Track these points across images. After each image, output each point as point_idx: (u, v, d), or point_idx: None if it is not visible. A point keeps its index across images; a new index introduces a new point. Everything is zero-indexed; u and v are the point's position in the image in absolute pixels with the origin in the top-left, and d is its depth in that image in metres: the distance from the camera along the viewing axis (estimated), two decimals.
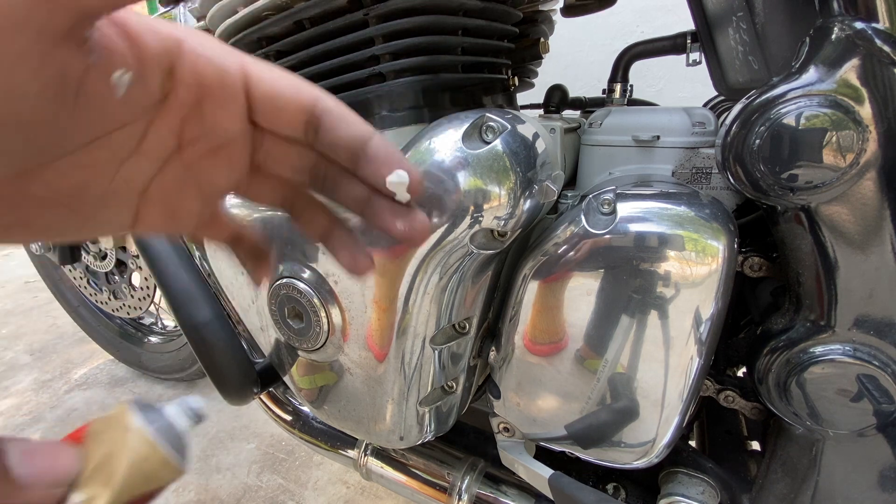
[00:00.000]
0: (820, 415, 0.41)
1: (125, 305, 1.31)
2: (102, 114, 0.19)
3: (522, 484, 0.58)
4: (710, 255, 0.38)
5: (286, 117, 0.22)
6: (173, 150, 0.22)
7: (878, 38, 0.32)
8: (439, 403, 0.52)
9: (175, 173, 0.23)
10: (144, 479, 0.17)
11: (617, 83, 0.69)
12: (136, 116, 0.20)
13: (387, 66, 0.45)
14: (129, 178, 0.21)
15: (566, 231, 0.41)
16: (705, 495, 0.50)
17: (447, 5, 0.45)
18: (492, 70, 0.55)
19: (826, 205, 0.36)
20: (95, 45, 0.17)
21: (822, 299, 0.39)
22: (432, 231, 0.39)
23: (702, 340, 0.40)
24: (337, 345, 0.48)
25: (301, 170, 0.24)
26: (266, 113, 0.22)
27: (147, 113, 0.20)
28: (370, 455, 0.67)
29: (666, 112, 0.46)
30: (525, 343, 0.46)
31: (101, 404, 1.35)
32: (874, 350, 0.38)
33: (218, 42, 0.22)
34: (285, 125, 0.22)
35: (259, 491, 1.03)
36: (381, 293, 0.43)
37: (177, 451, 0.18)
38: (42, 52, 0.15)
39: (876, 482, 0.42)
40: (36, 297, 2.07)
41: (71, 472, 0.17)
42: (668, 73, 1.36)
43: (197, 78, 0.21)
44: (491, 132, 0.38)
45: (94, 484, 0.16)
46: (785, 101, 0.34)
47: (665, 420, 0.43)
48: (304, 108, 0.22)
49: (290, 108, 0.22)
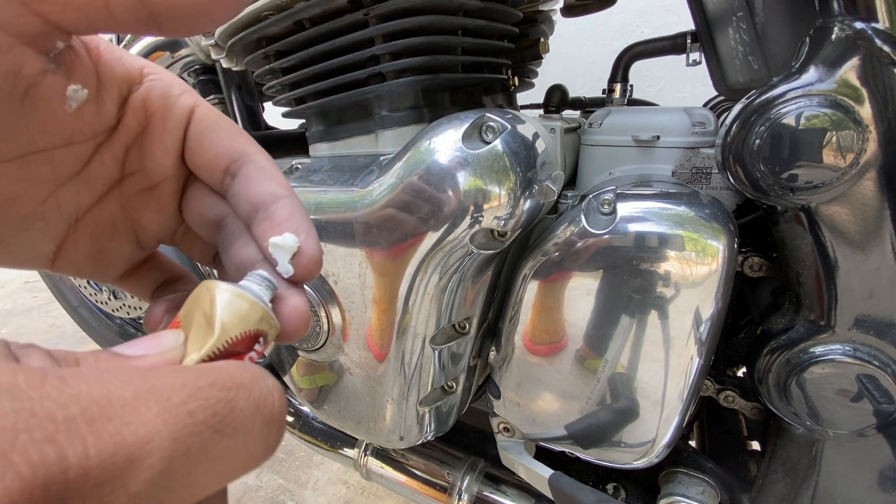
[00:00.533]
0: (820, 415, 0.41)
1: (125, 305, 1.31)
2: (49, 126, 0.18)
3: (522, 484, 0.58)
4: (710, 255, 0.38)
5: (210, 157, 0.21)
6: (115, 181, 0.22)
7: (878, 38, 0.32)
8: (439, 403, 0.52)
9: (111, 209, 0.22)
10: (241, 319, 0.17)
11: (617, 83, 0.69)
12: (84, 137, 0.20)
13: (387, 66, 0.45)
14: (64, 203, 0.20)
15: (566, 231, 0.41)
16: (705, 495, 0.50)
17: (447, 5, 0.45)
18: (492, 70, 0.56)
19: (826, 205, 0.36)
20: (59, 55, 0.17)
21: (822, 299, 0.39)
22: (431, 229, 0.39)
23: (702, 340, 0.40)
24: (337, 345, 0.48)
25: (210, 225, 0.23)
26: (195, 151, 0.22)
27: (97, 136, 0.20)
28: (370, 455, 0.67)
29: (666, 112, 0.46)
30: (525, 343, 0.46)
31: None
32: (874, 350, 0.38)
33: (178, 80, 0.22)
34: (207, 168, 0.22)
35: (259, 491, 1.03)
36: (381, 293, 0.43)
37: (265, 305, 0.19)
38: (1, 42, 0.15)
39: (876, 482, 0.42)
40: (36, 297, 2.07)
41: (178, 340, 0.17)
42: (668, 73, 1.36)
43: (146, 107, 0.20)
44: (491, 132, 0.38)
45: (196, 339, 0.17)
46: (785, 101, 0.34)
47: (665, 420, 0.43)
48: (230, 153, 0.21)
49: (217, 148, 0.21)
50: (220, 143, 0.21)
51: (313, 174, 0.47)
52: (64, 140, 0.19)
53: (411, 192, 0.39)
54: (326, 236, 0.44)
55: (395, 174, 0.39)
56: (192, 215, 0.23)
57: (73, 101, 0.18)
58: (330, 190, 0.44)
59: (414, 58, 0.44)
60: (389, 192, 0.39)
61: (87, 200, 0.21)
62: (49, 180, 0.20)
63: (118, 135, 0.21)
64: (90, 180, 0.21)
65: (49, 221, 0.20)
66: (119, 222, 0.22)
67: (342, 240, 0.43)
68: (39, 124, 0.18)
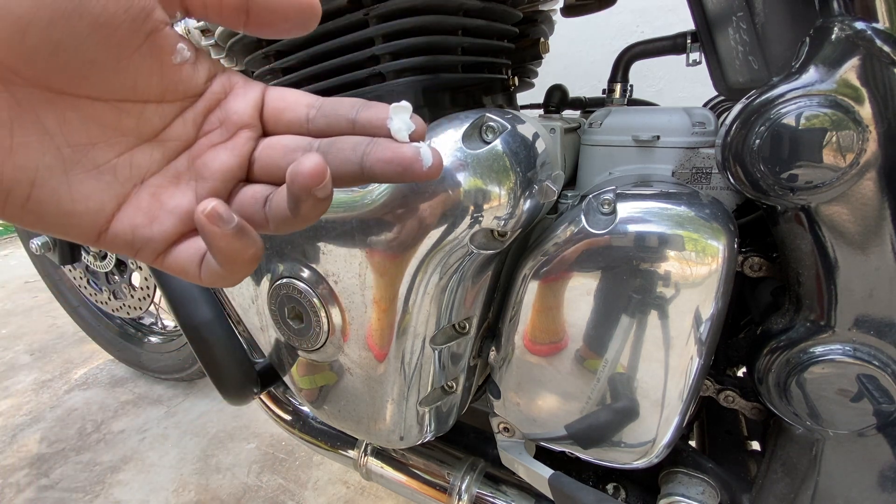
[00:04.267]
0: (820, 415, 0.41)
1: (125, 305, 1.31)
2: (152, 73, 0.20)
3: (522, 484, 0.58)
4: (710, 255, 0.38)
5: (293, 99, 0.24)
6: (189, 143, 0.23)
7: (878, 38, 0.32)
8: (439, 403, 0.52)
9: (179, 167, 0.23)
10: None
11: (617, 83, 0.69)
12: (176, 96, 0.22)
13: (387, 66, 0.45)
14: (137, 163, 0.22)
15: (566, 231, 0.41)
16: (705, 495, 0.50)
17: (447, 5, 0.45)
18: (492, 70, 0.55)
19: (826, 205, 0.36)
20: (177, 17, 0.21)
21: (822, 299, 0.39)
22: (431, 228, 0.39)
23: (702, 340, 0.40)
24: (337, 345, 0.48)
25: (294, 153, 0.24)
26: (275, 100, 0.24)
27: (185, 99, 0.22)
28: (370, 455, 0.67)
29: (666, 112, 0.46)
30: (525, 343, 0.46)
31: (100, 404, 1.35)
32: (874, 350, 0.38)
33: None
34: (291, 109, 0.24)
35: (259, 491, 1.03)
36: (381, 293, 0.43)
37: None
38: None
39: (876, 482, 0.42)
40: (36, 297, 2.07)
41: None
42: (668, 73, 1.36)
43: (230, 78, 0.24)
44: (491, 132, 0.38)
45: None
46: (785, 101, 0.34)
47: (665, 420, 0.43)
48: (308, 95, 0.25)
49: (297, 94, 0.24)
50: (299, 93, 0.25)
51: None
52: (158, 95, 0.21)
53: (411, 192, 0.39)
54: (326, 236, 0.44)
55: None
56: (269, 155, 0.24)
57: (179, 56, 0.21)
58: None
59: (414, 58, 0.44)
60: (389, 191, 0.40)
61: (158, 161, 0.23)
62: (132, 134, 0.21)
63: (202, 100, 0.23)
64: (167, 143, 0.23)
65: (118, 176, 0.21)
66: (184, 178, 0.23)
67: (342, 240, 0.43)
68: (147, 70, 0.20)
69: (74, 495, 1.05)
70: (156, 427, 1.25)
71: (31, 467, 1.13)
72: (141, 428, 1.25)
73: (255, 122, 0.24)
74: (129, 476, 1.10)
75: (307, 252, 0.46)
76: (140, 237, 0.22)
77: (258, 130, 0.24)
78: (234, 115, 0.23)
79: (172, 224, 0.22)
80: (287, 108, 0.24)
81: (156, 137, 0.22)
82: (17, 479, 1.10)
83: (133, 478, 1.09)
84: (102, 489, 1.06)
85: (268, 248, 0.49)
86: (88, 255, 1.29)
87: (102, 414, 1.31)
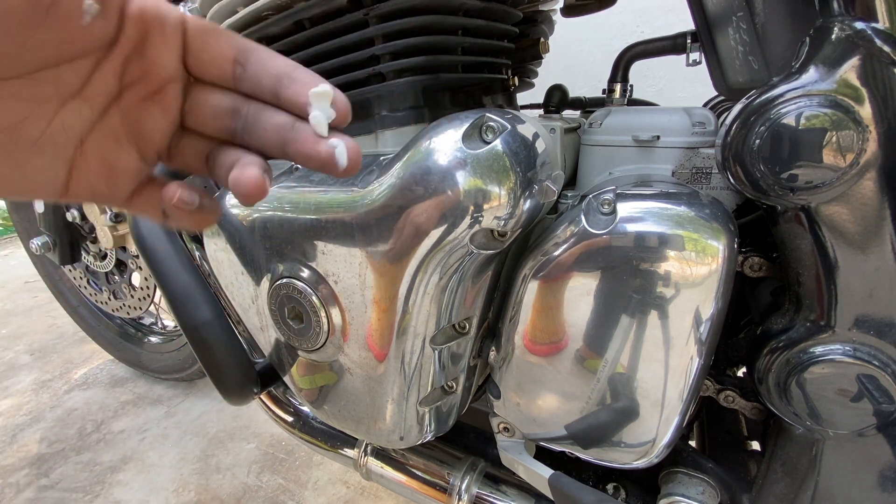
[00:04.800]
0: (820, 415, 0.41)
1: (125, 305, 1.31)
2: (61, 40, 0.19)
3: (522, 484, 0.58)
4: (710, 255, 0.38)
5: (217, 52, 0.23)
6: (114, 95, 0.23)
7: (878, 38, 0.32)
8: (439, 403, 0.52)
9: (113, 123, 0.23)
10: None
11: (617, 83, 0.69)
12: (88, 51, 0.21)
13: (387, 66, 0.45)
14: (69, 123, 0.22)
15: (566, 231, 0.41)
16: (705, 495, 0.50)
17: (447, 5, 0.45)
18: (492, 70, 0.56)
19: (826, 205, 0.36)
20: None
21: (822, 299, 0.39)
22: (431, 228, 0.39)
23: (702, 340, 0.40)
24: (337, 345, 0.48)
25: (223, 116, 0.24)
26: (198, 50, 0.23)
27: (99, 51, 0.21)
28: (370, 455, 0.67)
29: (666, 112, 0.46)
30: (525, 343, 0.46)
31: (100, 404, 1.35)
32: (874, 350, 0.38)
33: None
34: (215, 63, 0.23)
35: (259, 491, 1.03)
36: (381, 293, 0.43)
37: None
38: None
39: (876, 482, 0.42)
40: (36, 297, 2.07)
41: None
42: (668, 73, 1.36)
43: (143, 17, 0.21)
44: (491, 132, 0.38)
45: None
46: (785, 101, 0.34)
47: (665, 420, 0.43)
48: (234, 45, 0.23)
49: (222, 44, 0.23)
50: (224, 40, 0.23)
51: (313, 174, 0.47)
52: (71, 55, 0.20)
53: (411, 192, 0.39)
54: (326, 236, 0.44)
55: (395, 174, 0.39)
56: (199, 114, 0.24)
57: (87, 14, 0.19)
58: (330, 190, 0.44)
59: (414, 58, 0.44)
60: (389, 191, 0.39)
61: (89, 118, 0.22)
62: (53, 99, 0.21)
63: (118, 47, 0.22)
64: (91, 97, 0.22)
65: (57, 144, 0.22)
66: (122, 137, 0.24)
67: (342, 240, 0.43)
68: (55, 38, 0.19)
69: (74, 495, 1.05)
70: (156, 427, 1.25)
71: (31, 467, 1.13)
72: (141, 428, 1.25)
73: (179, 73, 0.23)
74: (129, 476, 1.10)
75: (307, 252, 0.46)
76: (100, 195, 0.24)
77: (184, 79, 0.24)
78: (157, 68, 0.23)
79: (126, 183, 0.24)
80: (211, 60, 0.23)
81: (79, 94, 0.21)
82: (17, 479, 1.10)
83: (133, 478, 1.09)
84: (102, 489, 1.06)
85: (268, 248, 0.49)
86: (88, 256, 1.29)
87: (102, 414, 1.31)
